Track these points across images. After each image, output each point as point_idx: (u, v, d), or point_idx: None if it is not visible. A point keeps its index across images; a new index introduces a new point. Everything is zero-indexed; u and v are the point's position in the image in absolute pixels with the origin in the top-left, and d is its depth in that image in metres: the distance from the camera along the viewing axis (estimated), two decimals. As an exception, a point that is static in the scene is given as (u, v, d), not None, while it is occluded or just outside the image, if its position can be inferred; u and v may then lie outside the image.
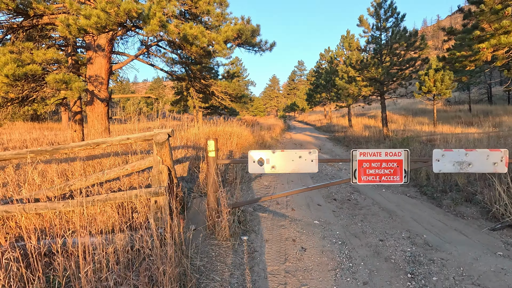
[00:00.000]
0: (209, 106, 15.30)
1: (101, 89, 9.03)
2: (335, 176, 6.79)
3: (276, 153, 3.22)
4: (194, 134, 8.17)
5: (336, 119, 29.32)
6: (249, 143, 11.71)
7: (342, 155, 10.63)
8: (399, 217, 3.62)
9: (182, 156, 5.14)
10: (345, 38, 22.02)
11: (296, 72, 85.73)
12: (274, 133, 18.25)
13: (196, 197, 4.03)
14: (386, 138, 12.21)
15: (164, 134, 2.83)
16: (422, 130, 15.66)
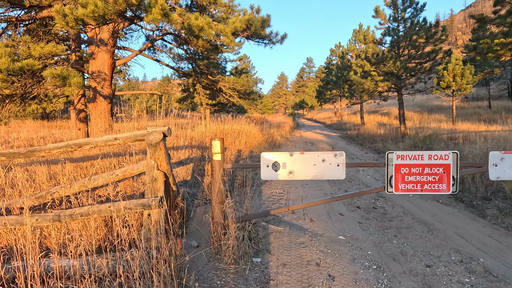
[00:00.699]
0: (217, 103, 14.81)
1: (104, 86, 8.63)
2: (353, 179, 6.20)
3: (294, 156, 2.67)
4: (200, 132, 7.68)
5: (347, 116, 28.47)
6: (258, 142, 11.18)
7: (357, 154, 9.99)
8: (440, 231, 3.03)
9: (185, 157, 4.66)
10: (357, 32, 21.19)
11: (305, 69, 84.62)
12: (283, 131, 17.67)
13: (200, 204, 3.53)
14: (404, 136, 11.49)
15: (158, 134, 2.32)
16: (441, 127, 14.82)
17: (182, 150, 4.74)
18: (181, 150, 4.73)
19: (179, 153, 4.66)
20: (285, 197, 4.43)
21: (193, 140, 5.65)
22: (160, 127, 2.44)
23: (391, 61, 10.88)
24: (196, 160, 4.53)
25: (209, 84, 11.35)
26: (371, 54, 10.84)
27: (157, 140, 2.28)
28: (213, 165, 2.69)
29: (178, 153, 4.66)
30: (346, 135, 17.48)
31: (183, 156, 4.62)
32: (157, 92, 9.57)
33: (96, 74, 8.52)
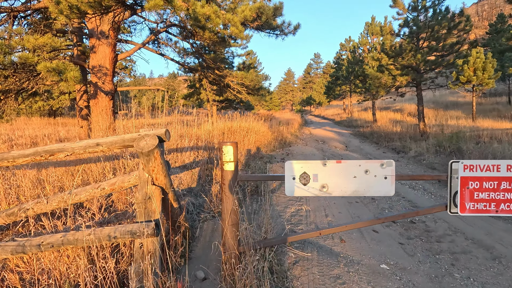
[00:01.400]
0: (224, 99, 14.27)
1: (105, 81, 8.13)
2: (376, 183, 5.58)
3: (328, 166, 2.08)
4: (207, 131, 7.13)
5: (358, 113, 27.61)
6: (268, 140, 10.61)
7: (374, 153, 9.33)
8: (507, 258, 2.42)
9: (190, 160, 4.12)
10: (369, 25, 20.33)
11: (312, 65, 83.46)
12: (292, 128, 17.04)
13: (207, 219, 2.98)
14: (423, 135, 10.75)
15: (152, 138, 1.76)
16: (460, 125, 13.99)
17: (187, 152, 4.20)
18: (185, 152, 4.19)
19: (183, 156, 4.12)
20: (304, 208, 3.85)
21: (199, 140, 5.11)
22: (156, 129, 1.87)
23: (410, 53, 10.13)
24: (202, 164, 3.99)
25: (216, 79, 10.79)
26: (388, 46, 10.11)
27: (150, 147, 1.73)
28: (224, 176, 2.13)
29: (182, 156, 4.12)
30: (358, 132, 16.76)
31: (188, 159, 4.08)
32: (162, 88, 9.05)
33: (97, 69, 8.03)
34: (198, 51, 10.62)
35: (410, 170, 6.69)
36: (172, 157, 4.06)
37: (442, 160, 6.88)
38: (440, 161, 6.82)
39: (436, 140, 8.26)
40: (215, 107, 14.82)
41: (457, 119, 16.63)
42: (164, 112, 4.40)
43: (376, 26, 20.06)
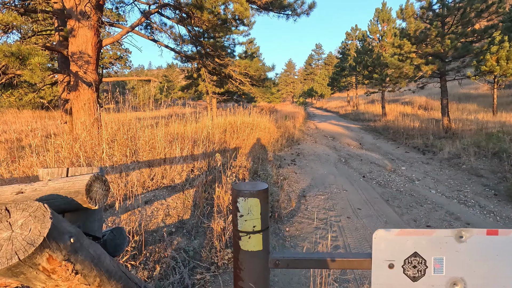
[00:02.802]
0: (225, 91, 13.08)
1: (88, 70, 6.95)
2: (414, 194, 4.50)
3: (468, 241, 0.96)
4: (206, 128, 6.01)
5: (364, 106, 26.43)
6: (274, 138, 9.50)
7: (394, 152, 8.24)
8: None
9: (182, 178, 3.00)
10: (380, 12, 18.97)
11: (314, 56, 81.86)
12: (297, 122, 15.93)
13: (206, 281, 1.90)
14: (448, 131, 9.64)
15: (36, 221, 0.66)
16: (481, 119, 12.87)
17: (179, 165, 3.09)
18: (176, 164, 3.08)
19: (173, 170, 3.03)
20: (341, 242, 2.77)
21: (196, 142, 3.97)
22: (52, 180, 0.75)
23: (437, 39, 8.91)
24: (199, 182, 2.89)
25: (216, 69, 9.60)
26: (412, 30, 8.88)
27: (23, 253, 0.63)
28: (241, 262, 1.01)
29: (171, 170, 3.03)
30: (368, 127, 15.65)
31: (179, 176, 2.97)
32: (153, 78, 7.90)
33: (77, 56, 6.83)
34: (196, 37, 9.39)
35: (449, 176, 5.61)
36: (158, 172, 2.97)
37: (487, 164, 5.79)
38: (485, 165, 5.73)
39: (472, 140, 7.14)
40: (215, 99, 13.65)
41: (474, 113, 15.49)
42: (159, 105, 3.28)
43: (387, 12, 18.70)
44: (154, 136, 3.30)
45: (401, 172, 6.06)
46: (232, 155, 5.75)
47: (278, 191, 4.13)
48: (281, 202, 3.54)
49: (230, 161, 4.85)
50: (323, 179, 5.48)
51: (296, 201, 4.02)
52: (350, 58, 27.77)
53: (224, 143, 6.46)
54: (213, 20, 7.91)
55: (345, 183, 5.19)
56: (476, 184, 5.08)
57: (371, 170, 6.19)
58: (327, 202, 4.10)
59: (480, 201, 4.28)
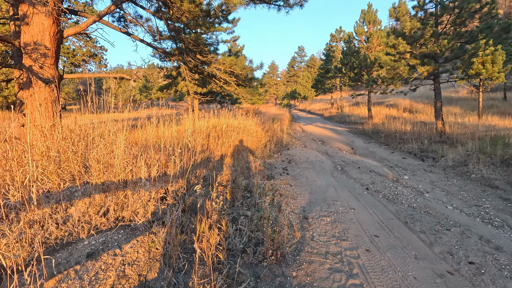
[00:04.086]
0: (207, 92, 12.15)
1: (45, 64, 5.87)
2: (431, 212, 3.86)
3: None
4: (184, 133, 5.10)
5: (348, 108, 26.25)
6: (262, 142, 8.71)
7: (390, 158, 7.69)
8: None
9: (147, 215, 2.10)
10: (366, 14, 18.75)
11: (296, 58, 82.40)
12: (283, 125, 15.25)
13: None
14: (442, 135, 9.25)
15: None
16: (468, 122, 12.75)
17: (145, 192, 2.18)
18: (142, 189, 2.19)
19: (137, 199, 2.12)
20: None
21: (170, 161, 3.05)
22: None
23: (432, 39, 8.51)
24: (174, 217, 1.99)
25: (198, 66, 8.69)
26: (408, 29, 8.41)
27: None
28: None
29: (134, 198, 2.13)
30: (356, 130, 15.23)
31: (143, 210, 2.07)
32: (126, 76, 6.89)
33: (32, 47, 5.74)
34: (176, 31, 8.44)
35: (459, 187, 5.05)
36: (112, 202, 2.06)
37: (500, 173, 5.28)
38: (498, 175, 5.21)
39: (477, 144, 6.68)
40: (197, 100, 12.69)
41: (460, 117, 15.48)
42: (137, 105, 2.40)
43: (373, 14, 18.50)
44: (112, 147, 2.40)
45: (406, 183, 5.45)
46: (217, 166, 4.90)
47: (275, 214, 3.33)
48: (282, 233, 2.74)
49: (215, 174, 4.00)
50: (323, 193, 4.75)
51: (298, 227, 3.23)
52: (334, 60, 27.58)
53: (207, 151, 5.58)
54: (194, 11, 7.03)
55: (350, 198, 4.48)
56: (493, 197, 4.52)
57: (373, 181, 5.54)
58: (336, 226, 3.35)
59: (507, 220, 3.69)
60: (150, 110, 9.64)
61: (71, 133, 2.65)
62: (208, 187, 3.21)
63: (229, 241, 2.31)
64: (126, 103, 6.05)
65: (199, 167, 3.91)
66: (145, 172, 2.31)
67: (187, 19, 7.57)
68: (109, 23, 7.48)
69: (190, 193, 2.81)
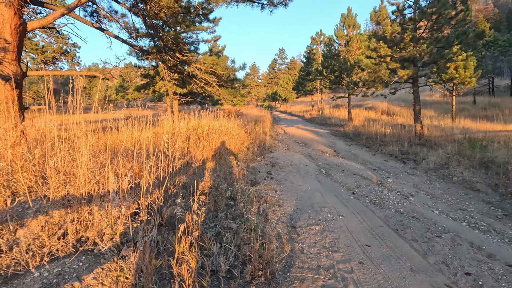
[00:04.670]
0: (188, 92, 11.73)
1: (4, 60, 5.31)
2: (419, 217, 3.78)
3: None
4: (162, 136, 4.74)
5: (329, 110, 26.61)
6: (245, 145, 8.46)
7: (372, 161, 7.70)
8: None
9: (115, 237, 1.77)
10: (346, 18, 19.05)
11: (277, 60, 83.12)
12: (265, 127, 15.10)
13: None
14: (421, 138, 9.45)
15: None
16: (443, 125, 13.21)
17: (115, 204, 1.86)
18: (111, 203, 1.86)
19: (103, 216, 1.78)
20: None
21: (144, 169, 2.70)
22: None
23: (411, 43, 8.66)
24: (148, 239, 1.68)
25: (178, 66, 8.30)
26: (389, 33, 8.52)
27: None
28: None
29: (100, 216, 1.78)
30: (337, 132, 15.36)
31: (111, 230, 1.71)
32: (98, 74, 6.40)
33: (-11, 41, 5.18)
34: (154, 29, 8.02)
35: (443, 191, 5.06)
36: (73, 222, 1.71)
37: (480, 176, 5.36)
38: (478, 178, 5.29)
39: (455, 148, 6.81)
40: (177, 101, 12.22)
41: (436, 119, 16.05)
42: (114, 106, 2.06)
43: (352, 18, 18.83)
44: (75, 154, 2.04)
45: (390, 186, 5.41)
46: (198, 171, 4.59)
47: (262, 225, 3.10)
48: (271, 248, 2.50)
49: (196, 182, 3.71)
50: (310, 198, 4.57)
51: (287, 238, 3.01)
52: (315, 63, 27.89)
53: (187, 155, 5.26)
54: (173, 7, 6.68)
55: (337, 203, 4.33)
56: (476, 200, 4.55)
57: (358, 185, 5.45)
58: (325, 236, 3.16)
59: (492, 224, 3.68)
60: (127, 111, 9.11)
61: (25, 137, 2.28)
62: (188, 197, 2.92)
63: (212, 261, 2.05)
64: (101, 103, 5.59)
65: (179, 174, 3.60)
66: (115, 183, 1.99)
67: (165, 16, 7.20)
68: (80, 17, 6.94)
69: (168, 205, 2.51)
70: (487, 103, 20.64)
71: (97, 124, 5.84)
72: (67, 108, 3.12)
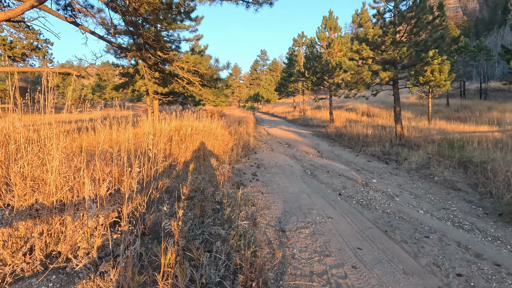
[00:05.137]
0: (169, 92, 11.39)
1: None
2: (405, 217, 3.80)
3: None
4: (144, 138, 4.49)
5: (311, 111, 26.92)
6: (229, 146, 8.29)
7: (356, 161, 7.78)
8: None
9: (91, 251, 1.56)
10: (327, 20, 19.34)
11: (259, 61, 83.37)
12: (249, 128, 14.98)
13: None
14: (401, 139, 9.69)
15: None
16: (421, 126, 13.68)
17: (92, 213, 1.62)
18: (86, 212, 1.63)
19: (77, 227, 1.57)
20: None
21: (125, 172, 2.50)
22: None
23: (391, 46, 8.87)
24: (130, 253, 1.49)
25: (159, 64, 8.00)
26: (371, 35, 8.67)
27: None
28: None
29: (74, 227, 1.57)
30: (320, 133, 15.50)
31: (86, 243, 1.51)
32: (72, 72, 6.01)
33: None
34: (133, 25, 7.68)
35: (425, 190, 5.16)
36: (41, 235, 1.49)
37: (459, 176, 5.52)
38: (458, 177, 5.43)
39: (435, 148, 7.01)
40: (157, 101, 11.83)
41: (414, 120, 16.61)
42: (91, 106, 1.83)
43: (334, 21, 19.15)
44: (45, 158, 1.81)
45: (375, 186, 5.45)
46: (182, 174, 4.39)
47: (251, 230, 2.97)
48: (262, 255, 2.38)
49: (181, 185, 3.51)
50: (297, 200, 4.49)
51: (277, 243, 2.90)
52: (297, 64, 28.15)
53: (170, 157, 5.03)
54: (154, 2, 6.41)
55: (325, 205, 4.28)
56: (458, 199, 4.66)
57: (344, 185, 5.44)
58: (316, 239, 3.08)
59: (475, 223, 3.76)
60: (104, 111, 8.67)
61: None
62: (173, 203, 2.73)
63: (201, 273, 1.89)
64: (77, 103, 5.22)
65: (162, 177, 3.39)
66: (91, 190, 1.77)
67: (146, 12, 6.90)
68: (52, 11, 6.50)
69: (152, 211, 2.32)
70: (459, 105, 21.67)
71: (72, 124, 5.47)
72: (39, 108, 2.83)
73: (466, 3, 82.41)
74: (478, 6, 76.79)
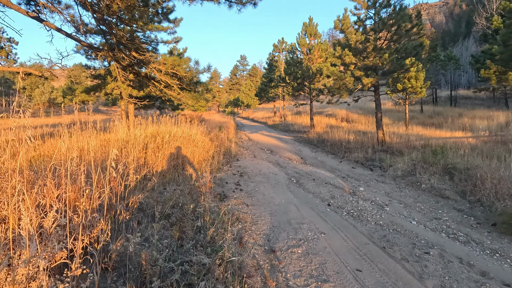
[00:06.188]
0: (145, 96, 10.77)
1: None
2: (399, 230, 3.59)
3: None
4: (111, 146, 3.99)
5: (291, 117, 26.97)
6: (210, 153, 7.86)
7: (341, 168, 7.63)
8: None
9: None
10: (307, 26, 19.49)
11: (239, 66, 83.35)
12: (229, 133, 14.58)
13: None
14: (383, 145, 9.72)
15: None
16: (399, 132, 13.95)
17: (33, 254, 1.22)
18: (21, 256, 1.21)
19: (2, 280, 1.18)
20: None
21: (85, 190, 2.05)
22: None
23: (373, 52, 8.90)
24: None
25: (133, 66, 7.45)
26: (354, 41, 8.65)
27: None
28: None
29: (3, 277, 1.17)
30: (301, 139, 15.40)
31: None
32: (34, 71, 5.37)
33: None
34: (105, 23, 7.09)
35: (414, 199, 5.03)
36: None
37: (445, 183, 5.45)
38: (444, 185, 5.37)
39: (420, 154, 6.99)
40: (133, 105, 11.16)
41: (392, 126, 16.98)
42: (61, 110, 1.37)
43: (314, 27, 19.32)
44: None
45: (363, 195, 5.25)
46: (157, 186, 3.93)
47: (238, 252, 2.59)
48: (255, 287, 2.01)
49: (156, 201, 3.07)
50: (285, 213, 4.17)
51: (268, 267, 2.54)
52: (277, 70, 28.20)
53: (144, 167, 4.54)
54: (129, -1, 5.91)
55: (315, 218, 3.98)
56: (448, 208, 4.55)
57: (332, 195, 5.20)
58: (310, 260, 2.76)
59: (469, 234, 3.62)
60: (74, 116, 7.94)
61: None
62: (146, 224, 2.30)
63: (180, 321, 1.50)
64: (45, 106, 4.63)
65: (134, 193, 2.94)
66: (31, 222, 1.33)
67: (119, 9, 6.37)
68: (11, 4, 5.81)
69: (119, 238, 1.89)
70: (432, 111, 22.55)
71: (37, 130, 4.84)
72: None
73: (433, 16, 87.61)
74: (444, 19, 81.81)
